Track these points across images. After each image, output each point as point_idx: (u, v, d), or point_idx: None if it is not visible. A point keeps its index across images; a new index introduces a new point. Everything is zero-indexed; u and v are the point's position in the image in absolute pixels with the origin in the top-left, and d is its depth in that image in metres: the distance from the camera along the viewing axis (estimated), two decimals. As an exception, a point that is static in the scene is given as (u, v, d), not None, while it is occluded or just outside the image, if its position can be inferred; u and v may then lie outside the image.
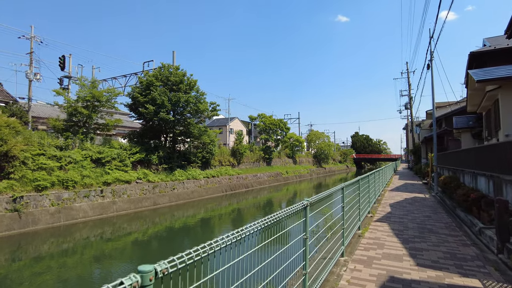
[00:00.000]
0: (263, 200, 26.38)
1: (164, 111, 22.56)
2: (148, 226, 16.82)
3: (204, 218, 18.98)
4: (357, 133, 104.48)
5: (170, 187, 22.55)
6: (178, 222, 17.95)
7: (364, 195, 8.00)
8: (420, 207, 10.56)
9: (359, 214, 6.88)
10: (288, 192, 33.10)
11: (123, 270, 10.72)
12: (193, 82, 24.62)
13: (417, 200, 12.14)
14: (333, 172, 65.37)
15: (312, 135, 63.65)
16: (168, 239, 14.93)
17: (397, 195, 13.69)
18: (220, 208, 22.07)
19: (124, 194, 19.24)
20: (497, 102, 9.61)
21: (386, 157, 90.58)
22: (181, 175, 24.29)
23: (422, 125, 36.47)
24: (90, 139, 20.89)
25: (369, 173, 8.61)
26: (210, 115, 26.49)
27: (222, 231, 16.85)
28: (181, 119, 24.83)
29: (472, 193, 7.83)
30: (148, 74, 24.08)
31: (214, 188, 26.60)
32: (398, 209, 10.09)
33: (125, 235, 15.15)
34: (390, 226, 7.48)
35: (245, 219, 19.34)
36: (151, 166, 23.14)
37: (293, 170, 46.71)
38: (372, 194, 9.69)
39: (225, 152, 33.18)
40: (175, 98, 22.77)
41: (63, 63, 20.41)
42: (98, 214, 17.09)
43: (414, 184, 19.38)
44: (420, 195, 14.00)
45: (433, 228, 7.34)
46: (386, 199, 12.36)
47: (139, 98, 22.80)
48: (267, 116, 43.41)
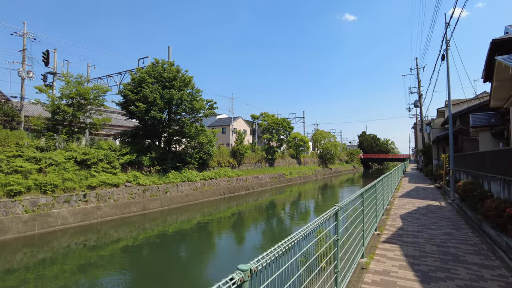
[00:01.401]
0: (264, 203, 24.81)
1: (156, 109, 21.15)
2: (135, 232, 15.49)
3: (198, 223, 17.50)
4: (364, 133, 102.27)
5: (163, 191, 21.12)
6: (168, 228, 16.50)
7: (370, 210, 6.41)
8: (437, 219, 8.90)
9: (363, 237, 5.29)
10: (291, 194, 31.47)
11: (112, 279, 9.71)
12: (188, 79, 23.16)
13: (432, 210, 10.48)
14: (339, 173, 63.51)
15: (317, 135, 61.84)
16: (158, 246, 13.63)
17: (408, 203, 12.02)
18: (217, 212, 20.57)
19: (111, 199, 17.85)
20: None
21: (394, 157, 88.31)
22: (176, 177, 22.85)
23: (432, 124, 34.52)
24: (76, 139, 19.58)
25: (375, 181, 7.00)
26: (207, 114, 25.00)
27: (219, 237, 15.44)
28: (175, 118, 23.42)
29: (509, 208, 6.18)
30: (140, 71, 22.68)
31: (212, 191, 25.12)
32: (411, 222, 8.46)
33: (110, 242, 13.86)
34: (403, 251, 5.87)
35: (244, 224, 17.81)
36: (143, 168, 21.76)
37: (297, 171, 45.04)
38: (379, 206, 8.08)
39: (225, 152, 31.70)
40: (168, 95, 21.34)
41: (47, 58, 19.11)
42: (80, 220, 15.71)
43: (426, 189, 17.64)
44: (434, 202, 12.31)
45: (458, 254, 5.71)
46: (396, 209, 10.71)
47: (130, 96, 21.43)
48: (270, 115, 41.83)
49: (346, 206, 3.93)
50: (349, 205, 4.37)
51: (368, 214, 6.13)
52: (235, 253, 13.02)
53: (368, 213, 6.22)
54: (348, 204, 4.26)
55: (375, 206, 7.05)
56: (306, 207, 24.25)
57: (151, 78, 22.21)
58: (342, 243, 4.50)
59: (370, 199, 6.59)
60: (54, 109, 17.68)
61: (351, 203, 4.63)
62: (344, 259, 4.41)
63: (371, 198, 6.68)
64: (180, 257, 12.76)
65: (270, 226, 17.63)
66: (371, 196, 6.63)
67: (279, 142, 42.68)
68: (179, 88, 22.38)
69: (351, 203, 4.72)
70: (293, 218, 19.90)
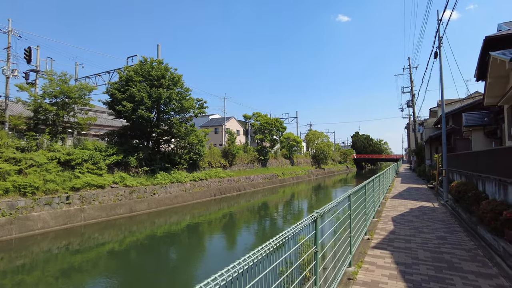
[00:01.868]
0: (255, 205, 24.34)
1: (143, 109, 20.56)
2: (122, 235, 15.04)
3: (187, 226, 16.96)
4: (357, 133, 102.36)
5: (150, 192, 20.53)
6: (156, 230, 16.00)
7: (359, 214, 5.99)
8: (430, 222, 8.52)
9: (350, 244, 4.85)
10: (283, 195, 31.04)
11: (98, 284, 9.43)
12: (177, 77, 22.61)
13: (425, 212, 10.10)
14: (332, 173, 63.29)
15: (310, 135, 61.56)
16: (146, 249, 13.24)
17: (400, 204, 11.65)
18: (206, 214, 20.05)
19: (95, 201, 17.24)
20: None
21: (387, 158, 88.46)
22: (164, 178, 22.27)
23: (425, 124, 34.38)
24: (60, 139, 18.92)
25: (364, 183, 6.59)
26: (197, 113, 24.46)
27: (208, 239, 15.00)
28: (164, 118, 22.86)
29: (506, 210, 5.79)
30: (128, 69, 22.07)
31: (202, 192, 24.58)
32: (403, 225, 8.05)
33: (95, 246, 13.35)
34: (394, 257, 5.45)
35: (234, 226, 17.32)
36: (130, 169, 21.16)
37: (290, 172, 44.66)
38: (370, 208, 7.66)
39: (216, 153, 31.17)
40: (156, 94, 20.78)
41: (29, 55, 18.41)
42: (62, 224, 15.09)
43: (418, 189, 17.32)
44: (427, 204, 11.95)
45: (453, 260, 5.30)
46: (388, 211, 10.32)
47: (117, 95, 20.81)
48: (263, 115, 41.38)
49: (329, 211, 3.47)
50: (333, 210, 3.93)
51: (356, 218, 5.71)
52: (225, 255, 12.55)
53: (357, 216, 5.80)
54: (332, 209, 3.82)
55: (365, 209, 6.63)
56: (298, 208, 23.83)
57: (139, 76, 21.62)
58: (330, 248, 4.07)
59: (359, 202, 6.17)
60: (36, 107, 17.01)
61: (336, 208, 4.20)
62: (329, 268, 3.98)
63: (360, 201, 6.26)
64: (169, 260, 12.33)
65: (260, 228, 17.18)
66: (360, 199, 6.21)
67: (272, 142, 42.27)
68: (168, 87, 21.83)
69: (336, 207, 4.29)
70: (285, 219, 19.46)
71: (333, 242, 4.30)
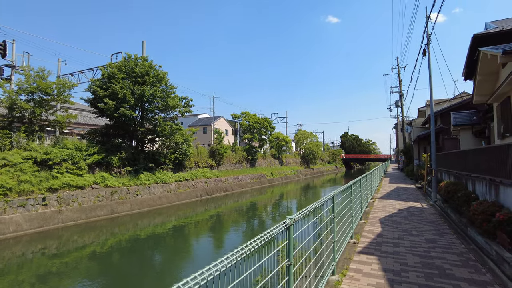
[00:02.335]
0: (243, 205, 23.83)
1: (126, 107, 19.87)
2: (103, 237, 14.49)
3: (170, 227, 16.34)
4: (346, 133, 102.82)
5: (133, 193, 19.85)
6: (138, 232, 15.39)
7: (344, 216, 5.57)
8: (419, 223, 8.18)
9: (334, 251, 4.42)
10: (272, 195, 30.62)
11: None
12: (161, 75, 21.96)
13: (414, 213, 9.78)
14: (321, 173, 63.23)
15: (299, 135, 61.39)
16: (129, 251, 12.74)
17: (388, 205, 11.33)
18: (191, 215, 19.45)
19: (74, 202, 16.50)
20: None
21: (376, 158, 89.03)
22: (148, 178, 21.59)
23: (413, 124, 34.46)
24: (38, 138, 18.10)
25: (351, 183, 6.19)
26: (183, 111, 23.83)
27: (193, 241, 14.52)
28: (148, 116, 22.18)
29: (499, 212, 5.45)
30: (111, 66, 21.32)
31: (187, 193, 23.96)
32: (391, 227, 7.69)
33: (75, 249, 12.71)
34: (381, 263, 5.04)
35: (220, 227, 16.78)
36: (112, 169, 20.43)
37: (279, 172, 44.30)
38: (357, 210, 7.27)
39: (203, 152, 30.54)
40: (139, 91, 20.09)
41: (4, 49, 17.52)
42: (37, 226, 14.33)
43: (407, 189, 17.11)
44: (416, 204, 11.66)
45: (444, 266, 4.93)
46: (376, 211, 9.96)
47: (99, 92, 20.06)
48: (251, 115, 40.91)
49: (308, 215, 3.02)
50: (314, 213, 3.49)
51: (342, 220, 5.29)
52: (210, 257, 12.04)
53: (342, 219, 5.38)
54: (312, 213, 3.37)
55: (351, 210, 6.22)
56: (286, 208, 23.42)
57: (122, 73, 20.91)
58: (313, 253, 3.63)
59: (345, 203, 5.76)
60: (10, 104, 16.18)
61: (318, 210, 3.76)
62: (310, 277, 3.53)
63: (346, 202, 5.85)
64: (153, 263, 11.86)
65: (246, 229, 16.70)
66: (345, 200, 5.80)
67: (261, 142, 41.82)
68: (152, 84, 21.17)
69: (318, 210, 3.85)
70: (274, 219, 19.02)
71: (316, 246, 3.87)
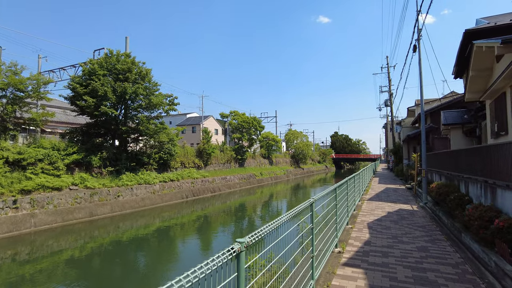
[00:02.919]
0: (229, 206, 23.13)
1: (106, 104, 19.01)
2: (81, 241, 13.77)
3: (152, 230, 15.60)
4: (336, 133, 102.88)
5: (114, 194, 19.00)
6: (118, 235, 14.64)
7: (328, 223, 4.97)
8: (410, 228, 7.65)
9: (313, 267, 3.80)
10: (261, 195, 29.99)
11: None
12: (144, 71, 21.13)
13: (404, 216, 9.26)
14: (311, 173, 62.91)
15: (290, 135, 60.93)
16: (109, 255, 12.20)
17: (377, 207, 10.80)
18: (175, 218, 18.69)
19: (50, 204, 15.63)
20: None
21: (365, 157, 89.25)
22: (131, 179, 20.77)
23: (403, 123, 34.21)
24: (11, 137, 17.14)
25: (336, 185, 5.60)
26: (167, 110, 23.02)
27: (177, 244, 13.88)
28: (131, 114, 21.35)
29: (498, 218, 4.92)
30: (92, 62, 20.41)
31: (172, 194, 23.18)
32: (380, 233, 7.13)
33: (50, 254, 11.98)
34: (368, 279, 4.44)
35: (204, 230, 16.02)
36: (93, 170, 19.56)
37: (269, 172, 43.72)
38: (343, 215, 6.69)
39: (190, 152, 29.76)
40: (120, 88, 19.25)
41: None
42: (6, 231, 13.45)
43: (396, 190, 16.67)
44: (406, 206, 11.17)
45: (439, 281, 4.36)
46: (364, 215, 9.42)
47: (78, 89, 19.16)
48: (240, 114, 40.23)
49: (266, 236, 2.39)
50: (284, 226, 2.87)
51: (324, 228, 4.69)
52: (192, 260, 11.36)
53: (326, 226, 4.78)
54: (282, 226, 2.75)
55: (336, 216, 5.63)
56: (275, 209, 22.80)
57: (104, 70, 20.02)
58: (283, 274, 3.02)
59: (329, 208, 5.16)
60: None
61: (292, 221, 3.14)
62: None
63: (330, 207, 5.25)
64: (135, 267, 11.18)
65: (231, 231, 16.03)
66: (329, 205, 5.20)
67: (250, 141, 41.16)
68: (135, 81, 20.33)
69: (294, 219, 3.24)
70: (263, 219, 18.40)
71: (289, 265, 3.24)
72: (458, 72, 15.80)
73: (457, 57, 13.98)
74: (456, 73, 16.19)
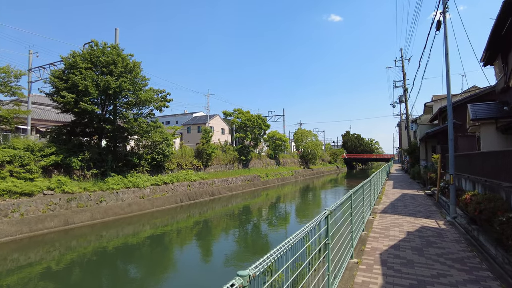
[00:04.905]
0: (227, 212, 20.96)
1: (87, 100, 17.15)
2: (48, 255, 11.88)
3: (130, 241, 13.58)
4: (348, 132, 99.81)
5: (96, 199, 17.13)
6: (88, 248, 12.67)
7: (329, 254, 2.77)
8: (443, 264, 5.34)
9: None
10: (265, 199, 27.76)
11: None
12: (132, 64, 19.20)
13: (430, 240, 6.94)
14: (321, 174, 60.36)
15: (298, 134, 58.45)
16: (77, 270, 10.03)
17: (393, 224, 8.50)
18: (162, 226, 16.67)
19: (15, 212, 13.80)
20: None
21: (378, 157, 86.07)
22: (117, 182, 18.88)
23: (419, 121, 31.48)
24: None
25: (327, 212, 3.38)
26: (159, 106, 21.04)
27: (162, 260, 11.67)
28: (116, 111, 19.49)
29: None
30: (74, 54, 18.60)
31: (165, 198, 21.21)
32: (398, 275, 4.87)
33: (17, 268, 10.40)
34: None
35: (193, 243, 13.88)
36: (74, 172, 17.73)
37: (275, 173, 41.47)
38: (345, 246, 4.47)
39: (188, 153, 27.79)
40: (103, 82, 17.37)
41: None
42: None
43: (415, 197, 14.25)
44: (429, 222, 8.82)
45: None
46: (375, 238, 7.14)
47: (57, 84, 17.39)
48: (244, 112, 38.10)
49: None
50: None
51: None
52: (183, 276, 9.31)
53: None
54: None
55: (329, 254, 3.42)
56: (279, 214, 20.53)
57: (87, 63, 18.20)
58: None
59: (320, 245, 2.96)
60: None
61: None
62: None
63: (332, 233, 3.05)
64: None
65: (230, 240, 13.91)
66: (320, 241, 3.01)
67: (255, 141, 39.00)
68: (120, 75, 18.41)
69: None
70: (267, 226, 16.19)
71: None
72: (489, 57, 13.29)
73: (490, 38, 11.52)
74: (487, 59, 13.65)
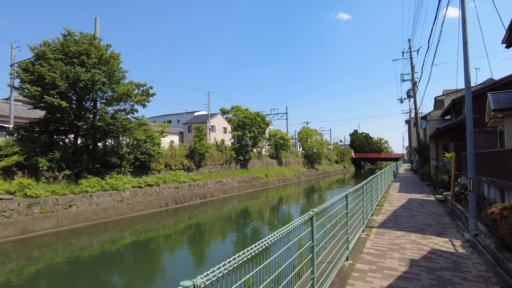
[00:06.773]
0: (217, 217, 18.98)
1: (55, 94, 15.37)
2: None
3: (93, 251, 11.67)
4: (356, 131, 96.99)
5: (64, 204, 15.34)
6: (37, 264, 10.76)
7: None
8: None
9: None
10: (263, 201, 25.71)
11: None
12: (108, 55, 17.36)
13: (444, 278, 4.81)
14: (327, 174, 58.04)
15: (303, 133, 56.18)
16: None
17: (392, 247, 6.39)
18: (138, 234, 14.80)
19: (-39, 221, 12.07)
20: None
21: (387, 157, 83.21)
22: (93, 185, 17.09)
23: (429, 117, 29.06)
24: None
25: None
26: (140, 101, 19.15)
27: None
28: (88, 107, 17.70)
29: None
30: (45, 44, 16.86)
31: (147, 202, 19.34)
32: None
33: None
34: None
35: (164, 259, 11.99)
36: (42, 174, 16.00)
37: (276, 173, 39.38)
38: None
39: (179, 152, 25.92)
40: (72, 74, 15.58)
41: None
42: None
43: (423, 203, 12.05)
44: (442, 242, 6.69)
45: None
46: (362, 274, 5.06)
47: (22, 75, 15.68)
48: (242, 109, 36.08)
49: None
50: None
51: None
52: None
53: None
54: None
55: None
56: (274, 218, 18.47)
57: (58, 53, 16.44)
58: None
59: None
60: None
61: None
62: None
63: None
64: None
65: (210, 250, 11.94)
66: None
67: (254, 139, 36.97)
68: (93, 66, 16.61)
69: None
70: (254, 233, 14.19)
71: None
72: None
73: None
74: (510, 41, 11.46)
